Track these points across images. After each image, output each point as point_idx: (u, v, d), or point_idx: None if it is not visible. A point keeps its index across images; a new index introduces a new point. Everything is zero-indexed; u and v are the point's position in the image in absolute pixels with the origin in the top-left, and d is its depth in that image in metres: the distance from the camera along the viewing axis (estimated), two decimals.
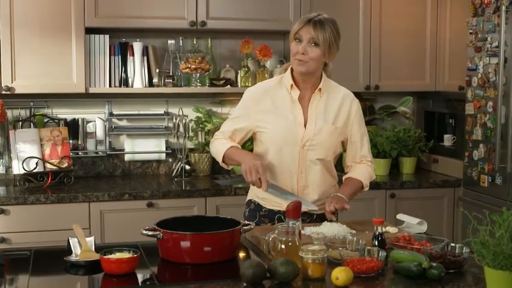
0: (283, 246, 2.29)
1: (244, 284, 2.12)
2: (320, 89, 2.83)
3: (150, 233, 2.40)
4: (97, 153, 4.39)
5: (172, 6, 4.15)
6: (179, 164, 4.39)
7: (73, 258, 2.37)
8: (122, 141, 4.47)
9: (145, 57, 4.28)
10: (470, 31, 4.15)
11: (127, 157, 4.41)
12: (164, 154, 4.45)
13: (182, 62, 4.31)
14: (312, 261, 2.18)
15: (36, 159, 3.96)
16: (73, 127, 4.30)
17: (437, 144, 4.77)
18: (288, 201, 2.46)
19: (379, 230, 2.45)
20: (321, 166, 2.86)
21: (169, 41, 4.38)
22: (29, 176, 3.95)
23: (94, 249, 2.43)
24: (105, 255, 2.25)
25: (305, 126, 2.81)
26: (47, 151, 4.05)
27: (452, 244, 2.39)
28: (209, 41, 4.47)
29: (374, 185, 4.27)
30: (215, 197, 4.02)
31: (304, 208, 2.67)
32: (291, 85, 2.82)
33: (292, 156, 2.82)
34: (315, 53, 2.73)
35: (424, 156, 4.75)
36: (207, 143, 4.52)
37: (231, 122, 2.95)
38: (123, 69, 4.23)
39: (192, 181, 4.29)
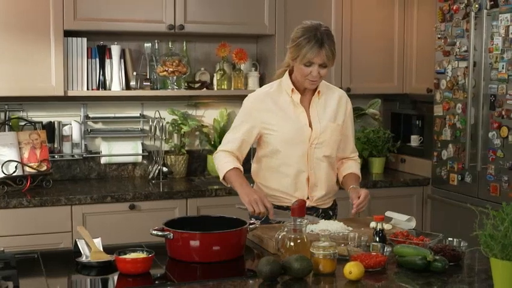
0: (292, 244, 2.38)
1: (260, 280, 2.20)
2: (318, 92, 2.98)
3: (160, 233, 2.46)
4: (73, 156, 4.38)
5: (150, 10, 4.18)
6: (156, 166, 4.42)
7: (84, 259, 2.39)
8: (97, 144, 4.48)
9: (122, 60, 4.30)
10: (439, 36, 4.32)
11: (103, 160, 4.41)
12: (141, 156, 4.47)
13: (159, 65, 4.35)
14: (323, 257, 2.27)
15: (16, 163, 3.94)
16: (49, 130, 4.27)
17: (403, 144, 4.94)
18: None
19: (379, 226, 2.56)
20: (327, 163, 3.01)
21: (146, 44, 4.42)
22: (8, 180, 3.92)
23: (102, 250, 2.47)
24: (119, 255, 2.29)
25: (310, 126, 2.95)
26: (26, 154, 4.02)
27: (450, 238, 2.52)
28: (184, 44, 4.52)
29: None
30: (196, 198, 4.07)
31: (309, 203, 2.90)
32: (292, 89, 2.95)
33: (301, 155, 2.96)
34: (325, 72, 2.88)
35: (392, 156, 4.91)
36: (183, 145, 4.57)
37: (234, 131, 3.04)
38: (101, 72, 4.23)
39: (170, 183, 4.33)
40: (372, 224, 2.83)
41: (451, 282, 2.23)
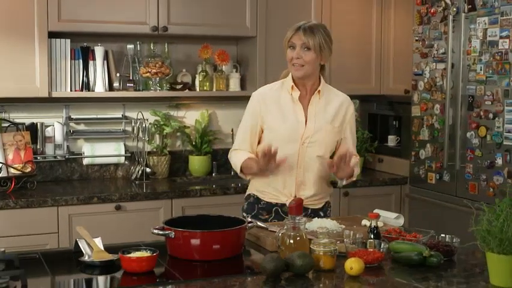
0: (291, 241, 2.44)
1: (264, 277, 2.25)
2: (319, 91, 3.06)
3: (161, 232, 2.49)
4: (55, 157, 4.37)
5: (134, 12, 4.21)
6: (138, 167, 4.44)
7: (86, 258, 2.42)
8: (80, 145, 4.48)
9: (105, 62, 4.31)
10: (416, 38, 4.43)
11: (85, 161, 4.42)
12: (123, 157, 4.49)
13: (142, 66, 4.37)
14: (323, 253, 2.34)
15: (0, 164, 3.92)
16: (31, 131, 4.26)
17: (381, 145, 5.05)
18: None
19: (374, 223, 2.64)
20: (319, 164, 3.07)
21: (128, 46, 4.44)
22: None
23: (103, 250, 2.49)
24: (124, 254, 2.32)
25: (306, 124, 3.02)
26: (10, 156, 4.01)
27: (442, 235, 2.61)
28: (166, 46, 4.55)
29: None
30: (181, 199, 4.10)
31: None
32: (292, 86, 3.04)
33: (292, 153, 3.02)
34: (309, 57, 2.96)
35: (370, 156, 5.01)
36: (165, 146, 4.60)
37: (243, 129, 3.12)
38: (84, 74, 4.24)
39: (153, 184, 4.36)
40: (364, 222, 2.92)
41: (447, 276, 2.31)
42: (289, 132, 3.01)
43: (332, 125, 3.07)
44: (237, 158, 3.08)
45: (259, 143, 3.11)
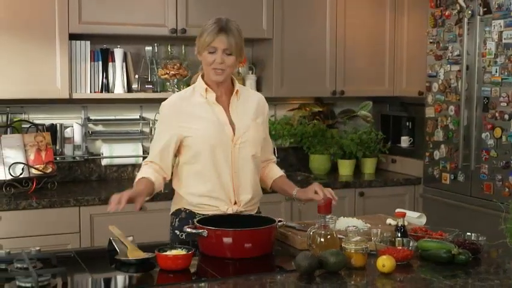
0: (322, 240, 2.49)
1: (298, 274, 2.31)
2: (237, 91, 2.91)
3: (194, 231, 2.55)
4: (74, 158, 4.42)
5: (152, 14, 4.27)
6: None
7: (123, 257, 2.47)
8: (98, 146, 4.53)
9: (124, 63, 4.37)
10: (431, 41, 4.49)
11: (104, 161, 4.47)
12: (141, 158, 4.54)
13: (160, 68, 4.43)
14: (355, 251, 2.39)
15: (23, 165, 3.97)
16: (51, 132, 4.30)
17: (393, 145, 5.11)
18: None
19: (401, 222, 2.69)
20: (253, 164, 2.92)
21: (146, 48, 4.49)
22: (15, 182, 3.96)
23: (137, 248, 2.55)
24: (160, 252, 2.37)
25: (231, 125, 2.87)
26: (32, 156, 4.06)
27: (468, 233, 2.67)
28: (183, 48, 4.61)
29: (344, 184, 4.57)
30: None
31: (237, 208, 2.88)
32: (206, 89, 2.86)
33: (225, 156, 2.85)
34: (231, 61, 2.81)
35: (383, 157, 5.07)
36: None
37: (155, 143, 2.94)
38: (104, 75, 4.30)
39: (171, 184, 4.38)
40: (389, 221, 2.97)
41: (475, 273, 2.37)
42: (215, 135, 2.83)
43: (256, 122, 2.93)
44: (139, 175, 2.90)
45: (180, 152, 2.93)
